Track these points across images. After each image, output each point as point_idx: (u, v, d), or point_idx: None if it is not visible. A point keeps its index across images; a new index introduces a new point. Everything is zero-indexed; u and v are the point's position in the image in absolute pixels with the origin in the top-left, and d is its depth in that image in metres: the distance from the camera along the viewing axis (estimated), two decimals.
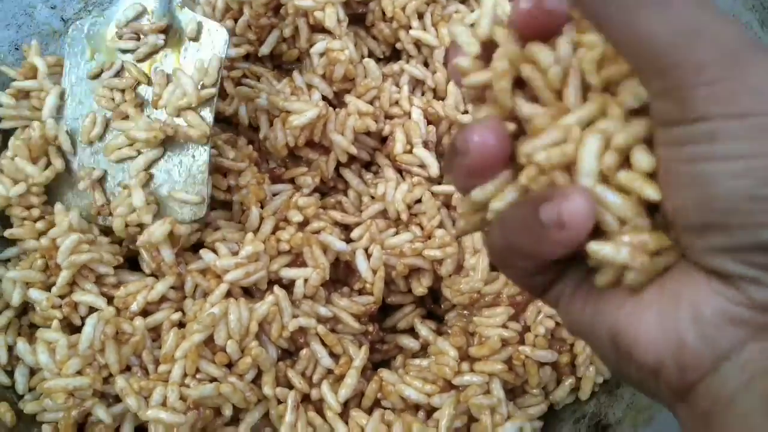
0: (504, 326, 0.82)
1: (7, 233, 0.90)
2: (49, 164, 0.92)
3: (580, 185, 0.40)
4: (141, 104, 0.92)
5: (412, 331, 0.93)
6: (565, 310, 0.46)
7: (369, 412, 0.84)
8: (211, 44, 0.92)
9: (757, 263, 0.37)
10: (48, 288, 0.87)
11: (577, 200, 0.39)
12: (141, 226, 0.89)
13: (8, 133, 0.95)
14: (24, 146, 0.91)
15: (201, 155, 0.90)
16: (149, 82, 0.92)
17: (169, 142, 0.90)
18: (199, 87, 0.89)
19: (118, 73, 0.94)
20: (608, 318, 0.42)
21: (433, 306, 0.97)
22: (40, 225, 0.90)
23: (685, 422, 0.41)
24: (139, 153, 0.90)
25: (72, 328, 0.87)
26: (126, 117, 0.91)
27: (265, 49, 1.01)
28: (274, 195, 0.95)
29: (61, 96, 0.95)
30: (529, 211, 0.41)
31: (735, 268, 0.37)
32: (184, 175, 0.91)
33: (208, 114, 0.90)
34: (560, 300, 0.47)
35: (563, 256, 0.42)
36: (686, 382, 0.39)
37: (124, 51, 0.94)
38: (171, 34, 0.94)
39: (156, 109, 0.91)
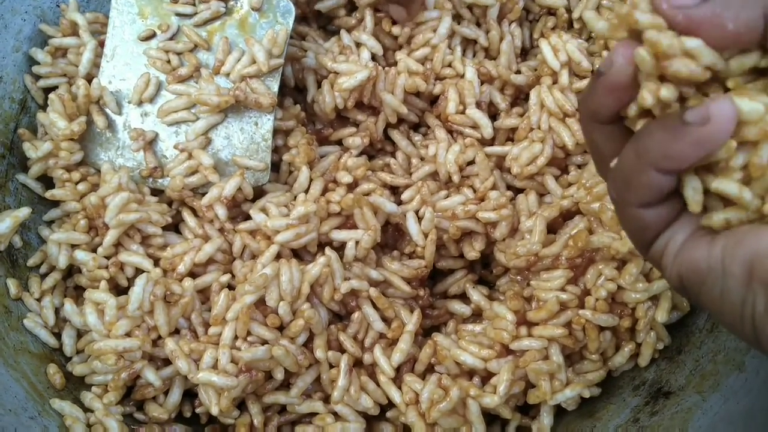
0: (563, 289, 0.80)
1: (48, 194, 0.89)
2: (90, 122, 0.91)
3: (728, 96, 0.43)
4: (198, 69, 0.90)
5: (462, 297, 0.91)
6: (679, 256, 0.47)
7: (422, 377, 0.82)
8: (274, 15, 0.92)
9: None
10: (93, 249, 0.86)
11: (725, 103, 0.42)
12: (194, 190, 0.89)
13: (50, 92, 0.93)
14: (59, 101, 0.89)
15: (265, 123, 0.90)
16: (208, 48, 0.91)
17: (229, 109, 0.90)
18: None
19: (172, 37, 0.92)
20: (746, 248, 0.43)
21: (483, 272, 0.95)
22: (81, 187, 0.89)
23: None
24: (198, 117, 0.89)
25: (118, 290, 0.85)
26: (184, 80, 0.90)
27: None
28: (322, 157, 0.93)
29: (98, 52, 0.93)
30: (669, 120, 0.44)
31: None
32: (246, 141, 0.90)
33: (273, 83, 0.90)
34: (669, 246, 0.48)
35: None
36: None
37: (180, 15, 0.92)
38: (230, 2, 0.93)
39: (216, 74, 0.90)
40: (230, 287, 0.84)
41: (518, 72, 0.97)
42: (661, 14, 0.43)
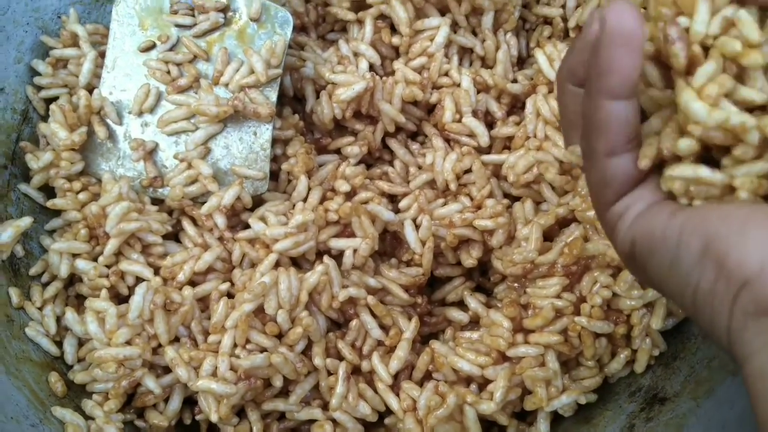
0: (558, 296, 0.81)
1: (49, 203, 0.90)
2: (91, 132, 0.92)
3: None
4: (198, 79, 0.91)
5: (460, 305, 0.92)
6: (636, 222, 0.48)
7: (420, 384, 0.83)
8: (272, 26, 0.93)
9: None
10: (94, 258, 0.87)
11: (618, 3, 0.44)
12: (194, 200, 0.90)
13: (52, 102, 0.94)
14: (60, 111, 0.90)
15: (264, 133, 0.91)
16: (207, 58, 0.92)
17: (228, 119, 0.91)
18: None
19: (172, 48, 0.93)
20: (707, 226, 0.43)
21: (481, 279, 0.96)
22: (82, 196, 0.90)
23: (753, 338, 0.41)
24: (197, 127, 0.90)
25: (119, 299, 0.86)
26: (183, 91, 0.91)
27: None
28: (320, 166, 0.94)
29: (98, 63, 0.95)
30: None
31: None
32: (245, 151, 0.91)
33: (272, 93, 0.91)
34: (628, 212, 0.49)
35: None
36: None
37: (179, 26, 0.93)
38: (229, 13, 0.94)
39: (216, 85, 0.91)
40: (229, 295, 0.85)
41: (515, 81, 0.98)
42: None
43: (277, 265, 0.84)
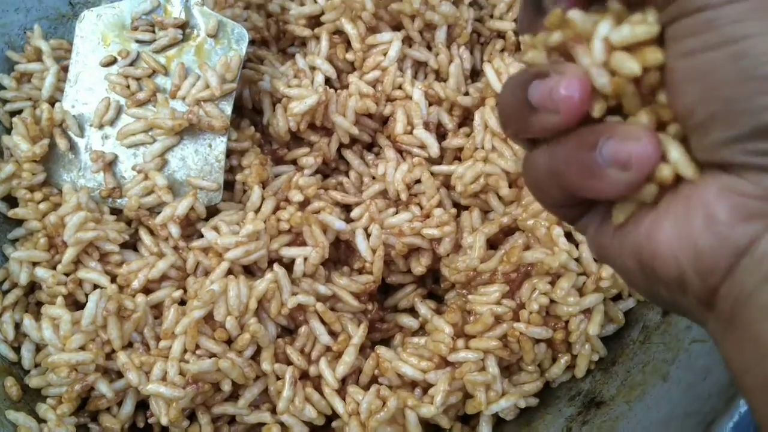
0: (498, 303, 0.83)
1: (10, 213, 0.93)
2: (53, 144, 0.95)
3: (652, 129, 0.39)
4: (156, 93, 0.94)
5: (412, 311, 0.94)
6: (594, 238, 0.46)
7: (366, 388, 0.85)
8: (229, 42, 0.96)
9: (761, 150, 0.36)
10: (53, 267, 0.89)
11: (648, 143, 0.39)
12: (150, 210, 0.93)
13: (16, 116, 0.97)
14: (22, 124, 0.94)
15: (218, 145, 0.94)
16: (166, 73, 0.95)
17: (185, 131, 0.94)
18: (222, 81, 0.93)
19: (132, 63, 0.96)
20: (631, 239, 0.42)
21: (433, 286, 0.98)
22: (43, 206, 0.93)
23: (714, 333, 0.40)
24: (154, 140, 0.93)
25: (78, 306, 0.89)
26: (142, 104, 0.94)
27: None
28: (277, 176, 0.96)
29: (60, 77, 0.98)
30: (586, 145, 0.40)
31: (741, 158, 0.36)
32: (200, 162, 0.94)
33: (226, 107, 0.94)
34: (589, 228, 0.47)
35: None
36: (708, 287, 0.39)
37: (140, 42, 0.96)
38: (187, 29, 0.97)
39: (173, 99, 0.94)
40: (183, 302, 0.88)
41: (467, 94, 1.00)
42: None
43: (229, 272, 0.87)
